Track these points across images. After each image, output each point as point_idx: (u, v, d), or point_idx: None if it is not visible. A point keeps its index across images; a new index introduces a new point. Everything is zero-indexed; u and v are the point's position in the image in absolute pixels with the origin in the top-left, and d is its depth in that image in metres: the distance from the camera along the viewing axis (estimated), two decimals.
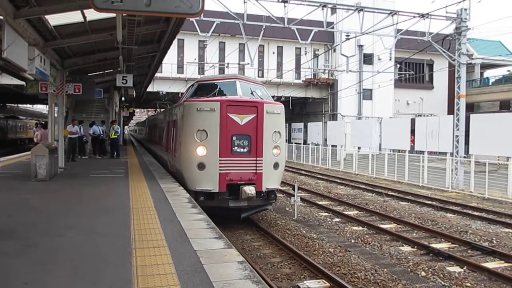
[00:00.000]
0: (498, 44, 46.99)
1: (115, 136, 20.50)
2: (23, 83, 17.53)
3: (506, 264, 9.04)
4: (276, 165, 11.25)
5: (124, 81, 17.21)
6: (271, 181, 11.18)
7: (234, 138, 10.72)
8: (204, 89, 12.01)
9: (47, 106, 16.86)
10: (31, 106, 56.64)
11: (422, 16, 20.61)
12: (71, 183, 11.82)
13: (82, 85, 15.91)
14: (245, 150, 10.85)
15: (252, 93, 11.77)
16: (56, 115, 15.87)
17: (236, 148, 10.78)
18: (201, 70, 36.35)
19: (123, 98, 31.32)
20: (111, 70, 19.66)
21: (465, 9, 20.60)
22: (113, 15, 9.82)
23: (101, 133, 20.88)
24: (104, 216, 7.48)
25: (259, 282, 4.42)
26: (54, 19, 10.78)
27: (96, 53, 15.37)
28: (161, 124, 17.88)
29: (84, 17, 10.67)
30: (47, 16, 10.19)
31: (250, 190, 10.47)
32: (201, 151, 10.65)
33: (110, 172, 14.20)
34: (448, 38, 21.46)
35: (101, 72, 20.19)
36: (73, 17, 10.76)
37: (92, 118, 23.89)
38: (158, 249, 5.50)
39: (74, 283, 4.39)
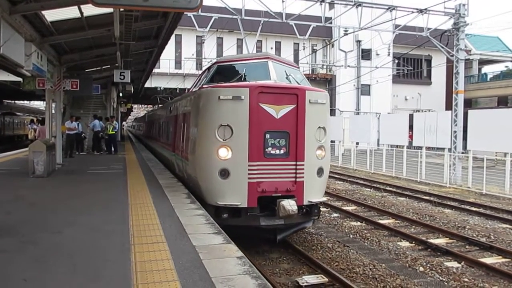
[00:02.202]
0: (496, 39, 47.01)
1: (113, 132, 20.44)
2: (20, 79, 17.43)
3: (503, 260, 9.08)
4: (320, 171, 8.79)
5: (122, 77, 17.14)
6: (315, 191, 8.74)
7: (268, 136, 8.23)
8: (225, 72, 9.43)
9: (45, 102, 16.81)
10: (28, 102, 56.47)
11: (421, 11, 20.58)
12: (69, 180, 11.79)
13: (80, 81, 15.85)
14: (282, 152, 8.34)
15: (287, 77, 9.17)
16: (53, 111, 15.82)
17: (270, 149, 8.27)
18: (199, 65, 36.26)
19: (121, 94, 31.25)
20: (109, 66, 19.59)
21: (463, 5, 20.57)
22: (110, 10, 9.78)
23: (100, 129, 20.83)
24: (103, 212, 7.47)
25: (258, 277, 4.43)
26: (51, 15, 10.72)
27: (94, 49, 15.31)
28: (166, 119, 15.24)
29: (81, 12, 10.62)
30: (43, 12, 10.14)
31: (290, 205, 7.95)
32: (224, 153, 8.10)
33: (108, 168, 14.17)
34: (446, 33, 21.44)
35: (99, 68, 20.12)
36: (70, 12, 10.70)
37: (89, 114, 23.83)
38: (157, 245, 5.50)
39: (73, 279, 4.38)
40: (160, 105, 29.18)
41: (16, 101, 50.57)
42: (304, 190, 8.49)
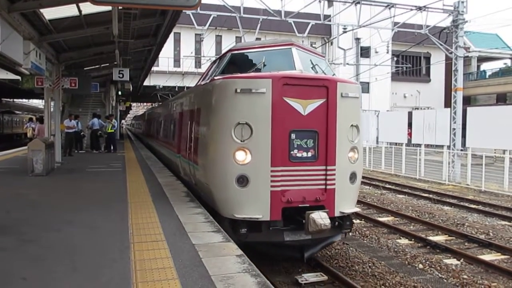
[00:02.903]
0: (495, 37, 47.02)
1: (112, 131, 20.44)
2: (18, 77, 17.42)
3: (502, 257, 9.10)
4: (353, 177, 7.57)
5: (121, 75, 17.11)
6: (347, 201, 7.53)
7: (294, 136, 7.00)
8: (241, 61, 8.26)
9: (43, 100, 16.78)
10: (27, 100, 56.37)
11: (419, 9, 20.56)
12: (68, 178, 11.78)
13: (78, 79, 15.84)
14: (310, 154, 7.13)
15: (313, 67, 8.05)
16: (52, 109, 15.80)
17: (296, 152, 7.05)
18: (198, 63, 36.24)
19: (119, 92, 31.18)
20: (108, 64, 19.56)
21: (462, 2, 20.56)
22: (108, 8, 9.75)
23: (98, 127, 20.81)
24: (102, 211, 7.46)
25: (257, 275, 4.43)
26: (49, 13, 10.70)
27: (92, 47, 15.27)
28: (169, 116, 13.94)
29: (80, 10, 10.59)
30: (42, 10, 10.11)
31: (322, 218, 6.67)
32: (242, 157, 6.89)
33: (107, 166, 14.16)
34: (445, 31, 21.43)
35: (97, 66, 20.09)
36: (69, 10, 10.68)
37: (88, 113, 23.81)
38: (156, 243, 5.50)
39: (72, 277, 4.39)
40: (160, 103, 28.80)
41: (15, 100, 50.46)
42: (336, 199, 7.27)
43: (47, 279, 4.36)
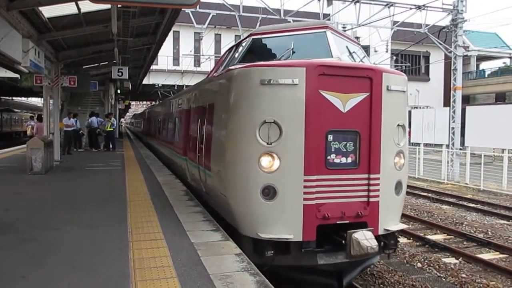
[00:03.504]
0: (494, 36, 47.03)
1: (111, 129, 20.44)
2: (17, 75, 17.39)
3: (501, 255, 9.11)
4: (398, 187, 6.40)
5: (120, 74, 17.10)
6: (392, 215, 6.38)
7: (331, 137, 5.85)
8: (265, 47, 7.18)
9: (42, 99, 16.77)
10: (26, 99, 56.30)
11: (419, 7, 20.55)
12: (67, 176, 11.77)
13: (77, 77, 15.82)
14: (350, 160, 5.98)
15: (351, 55, 6.97)
16: (51, 108, 15.78)
17: (333, 157, 5.88)
18: (197, 62, 36.21)
19: (118, 91, 31.17)
20: (107, 63, 19.55)
21: (462, 1, 20.56)
22: (108, 6, 9.73)
23: (97, 125, 20.80)
24: (101, 209, 7.46)
25: (256, 274, 4.44)
26: (48, 11, 10.68)
27: (91, 45, 15.25)
28: (173, 114, 12.72)
29: (79, 8, 10.57)
30: (41, 8, 10.09)
31: (368, 240, 5.56)
32: (269, 163, 5.73)
33: (106, 165, 14.15)
34: (444, 30, 21.44)
35: (96, 65, 20.08)
36: (68, 8, 10.66)
37: (87, 111, 23.78)
38: (155, 242, 5.50)
39: (71, 276, 4.39)
40: (161, 101, 28.40)
41: (14, 98, 50.40)
42: (380, 213, 6.10)
43: (46, 278, 4.36)
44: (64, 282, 4.24)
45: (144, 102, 65.63)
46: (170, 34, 18.18)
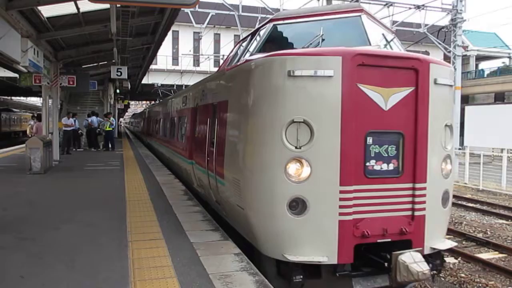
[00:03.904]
0: (493, 35, 47.07)
1: (110, 129, 20.43)
2: (16, 75, 17.38)
3: (500, 255, 9.12)
4: (446, 197, 5.51)
5: (119, 73, 17.09)
6: (438, 231, 5.56)
7: (370, 140, 4.99)
8: (288, 34, 6.24)
9: (41, 98, 16.75)
10: (25, 98, 56.28)
11: (418, 7, 20.57)
12: (66, 176, 11.76)
13: (76, 77, 15.81)
14: (392, 167, 5.11)
15: (388, 44, 6.12)
16: (50, 107, 15.77)
17: (373, 163, 5.02)
18: (196, 62, 36.20)
19: (117, 91, 31.16)
20: (106, 62, 19.53)
21: (461, 0, 20.58)
22: (107, 6, 9.72)
23: (97, 124, 20.80)
24: (100, 209, 7.45)
25: (255, 274, 4.44)
26: (47, 11, 10.68)
27: (90, 45, 15.25)
28: (177, 113, 11.83)
29: (78, 8, 10.57)
30: (40, 8, 10.08)
31: (417, 263, 4.75)
32: (298, 170, 4.85)
33: (105, 165, 14.14)
34: (443, 29, 21.46)
35: (96, 64, 20.06)
36: (67, 8, 10.65)
37: (86, 111, 23.79)
38: (155, 242, 5.50)
39: (70, 276, 4.38)
40: (161, 100, 28.10)
41: (13, 97, 50.38)
42: (426, 230, 5.22)
43: (45, 277, 4.36)
44: (63, 282, 4.23)
45: (144, 102, 65.61)
46: (169, 34, 18.17)
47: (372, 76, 4.91)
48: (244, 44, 7.02)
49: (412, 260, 4.72)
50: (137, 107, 74.74)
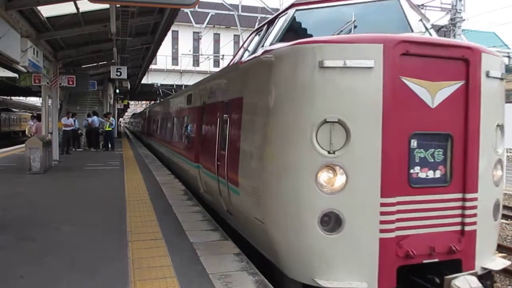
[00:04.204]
0: (493, 35, 47.07)
1: (110, 129, 20.45)
2: (16, 75, 17.38)
3: (499, 255, 9.10)
4: (496, 208, 4.82)
5: (118, 73, 17.10)
6: (489, 248, 4.87)
7: (415, 143, 4.30)
8: (313, 21, 5.53)
9: (41, 98, 16.75)
10: (24, 98, 56.26)
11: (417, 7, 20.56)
12: (65, 176, 11.76)
13: (76, 77, 15.82)
14: (439, 175, 4.40)
15: (427, 31, 5.47)
16: (49, 107, 15.77)
17: (418, 170, 4.33)
18: (196, 62, 36.20)
19: (117, 90, 31.16)
20: (105, 62, 19.53)
21: (460, 0, 20.58)
22: (106, 6, 9.72)
23: (98, 125, 20.81)
24: (100, 209, 7.45)
25: (255, 274, 4.44)
26: (47, 10, 10.68)
27: (90, 44, 15.25)
28: (181, 112, 11.24)
29: (77, 8, 10.57)
30: (39, 7, 10.08)
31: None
32: (330, 179, 4.15)
33: (105, 164, 14.14)
34: (442, 29, 21.46)
35: (95, 64, 20.06)
36: (66, 8, 10.66)
37: (86, 111, 23.79)
38: (154, 242, 5.50)
39: (70, 276, 4.38)
40: (161, 99, 27.91)
41: (12, 97, 50.36)
42: (476, 247, 4.52)
43: (45, 277, 4.36)
44: (63, 282, 4.23)
45: (143, 102, 65.61)
46: (169, 34, 18.17)
47: (417, 67, 4.22)
48: (260, 34, 6.29)
49: (468, 286, 4.09)
50: (136, 107, 74.72)
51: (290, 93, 4.30)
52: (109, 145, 20.26)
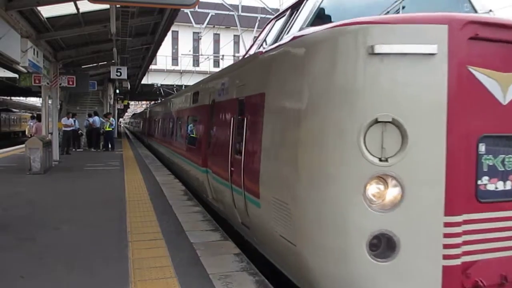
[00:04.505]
0: None
1: (110, 129, 20.46)
2: (16, 75, 17.39)
3: None
4: None
5: (118, 73, 17.12)
6: None
7: (483, 148, 3.42)
8: (349, 2, 5.02)
9: (41, 99, 16.76)
10: (24, 99, 56.29)
11: None
12: (66, 176, 11.76)
13: (76, 77, 15.83)
14: (510, 186, 3.55)
15: (491, 12, 4.87)
16: (50, 107, 15.78)
17: (486, 181, 3.45)
18: (196, 62, 36.21)
19: (117, 91, 31.17)
20: (105, 63, 19.55)
21: None
22: (106, 6, 9.73)
23: (99, 125, 20.82)
24: (100, 209, 7.45)
25: (255, 274, 4.44)
26: (47, 11, 10.69)
27: (90, 45, 15.27)
28: (186, 112, 10.51)
29: (77, 8, 10.58)
30: (39, 8, 10.09)
31: None
32: (381, 193, 3.30)
33: (105, 165, 14.14)
34: None
35: (95, 65, 20.08)
36: (66, 8, 10.67)
37: (86, 111, 23.79)
38: (155, 242, 5.50)
39: (70, 276, 4.38)
40: (162, 99, 27.79)
41: (12, 98, 50.37)
42: None
43: (46, 277, 4.36)
44: (63, 282, 4.23)
45: (143, 102, 65.64)
46: (169, 34, 18.19)
47: (486, 55, 3.41)
48: (282, 20, 5.51)
49: None
50: (136, 107, 74.75)
51: (331, 86, 3.50)
52: (109, 146, 20.27)
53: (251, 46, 6.85)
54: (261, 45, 5.94)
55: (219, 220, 6.83)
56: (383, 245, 3.28)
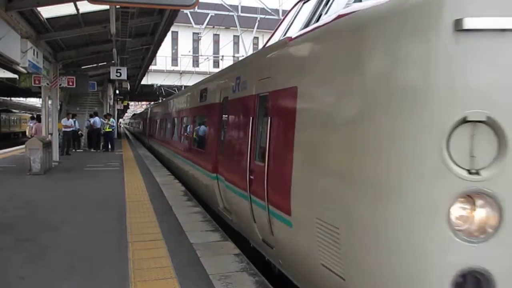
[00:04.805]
0: None
1: (110, 130, 20.47)
2: (16, 76, 17.38)
3: None
4: None
5: (118, 74, 17.11)
6: None
7: None
8: None
9: (41, 99, 16.76)
10: (24, 99, 56.29)
11: None
12: (65, 177, 11.76)
13: (76, 78, 15.81)
14: None
15: None
16: (49, 108, 15.78)
17: None
18: (196, 62, 36.24)
19: (117, 91, 31.15)
20: (105, 63, 19.55)
21: None
22: (106, 7, 9.73)
23: (99, 126, 20.83)
24: (100, 210, 7.45)
25: (255, 274, 4.44)
26: (47, 11, 10.69)
27: (90, 45, 15.27)
28: (191, 112, 9.80)
29: (77, 9, 10.58)
30: (39, 8, 10.09)
31: None
32: (470, 216, 2.44)
33: (105, 165, 14.14)
34: None
35: (95, 65, 20.08)
36: (66, 9, 10.68)
37: (86, 111, 23.79)
38: (154, 243, 5.50)
39: (70, 276, 4.38)
40: (163, 99, 27.59)
41: (12, 98, 50.37)
42: None
43: (45, 278, 4.36)
44: (63, 283, 4.23)
45: (143, 103, 65.66)
46: (169, 34, 18.22)
47: None
48: (315, 3, 4.73)
49: None
50: (136, 107, 74.80)
51: (402, 76, 2.63)
52: (109, 146, 20.28)
53: (271, 36, 5.96)
54: (286, 30, 5.13)
55: (219, 220, 6.83)
56: (472, 285, 2.44)
